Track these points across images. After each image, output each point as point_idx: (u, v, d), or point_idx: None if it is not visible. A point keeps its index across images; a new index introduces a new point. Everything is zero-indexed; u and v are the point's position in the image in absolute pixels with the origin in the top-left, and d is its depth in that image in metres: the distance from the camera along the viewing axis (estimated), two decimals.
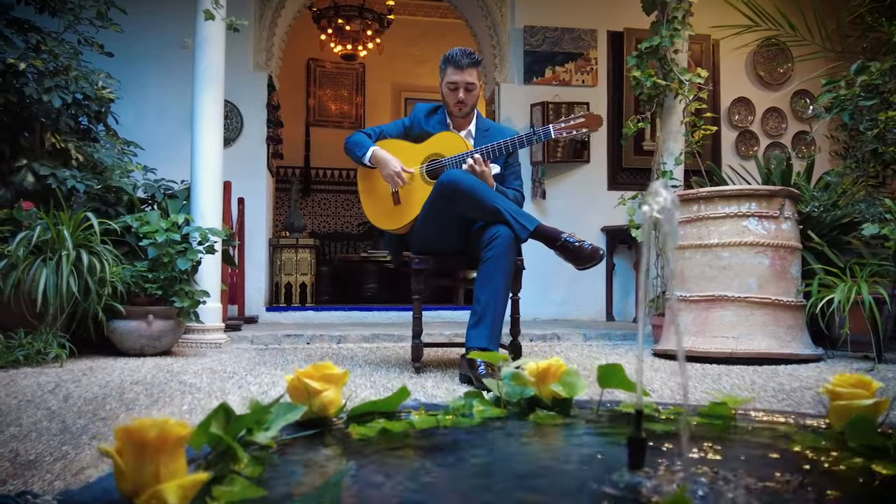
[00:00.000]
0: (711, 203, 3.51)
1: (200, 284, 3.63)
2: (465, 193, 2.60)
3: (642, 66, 4.09)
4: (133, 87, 5.30)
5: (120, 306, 3.20)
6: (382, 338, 4.15)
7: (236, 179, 5.17)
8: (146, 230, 3.31)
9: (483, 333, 2.52)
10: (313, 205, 8.71)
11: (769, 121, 6.29)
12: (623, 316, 5.77)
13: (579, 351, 3.82)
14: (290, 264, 5.64)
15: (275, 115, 5.75)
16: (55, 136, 3.27)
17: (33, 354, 2.91)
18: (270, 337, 4.05)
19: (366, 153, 2.90)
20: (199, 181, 3.81)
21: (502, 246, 2.57)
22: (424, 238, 2.84)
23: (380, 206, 2.96)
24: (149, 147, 5.02)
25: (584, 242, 2.59)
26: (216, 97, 3.89)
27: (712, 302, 3.46)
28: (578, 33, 5.88)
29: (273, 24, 5.56)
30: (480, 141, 2.99)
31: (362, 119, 8.92)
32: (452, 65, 2.88)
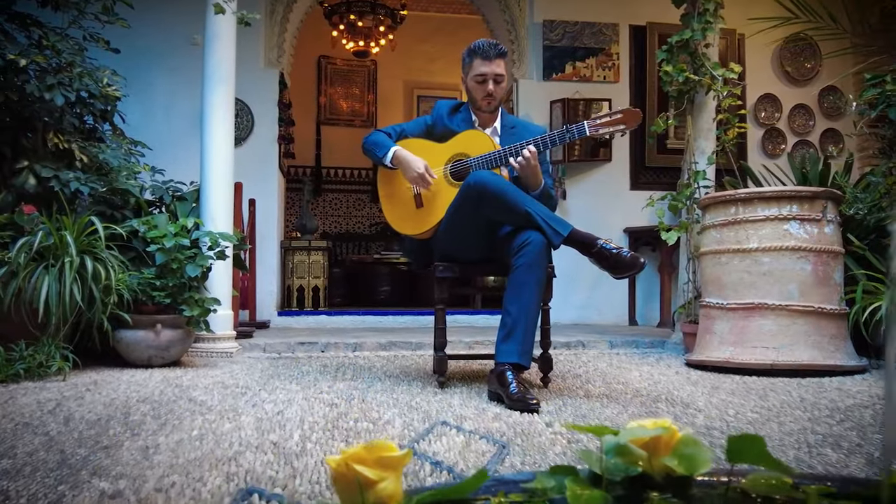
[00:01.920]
0: (750, 205, 3.31)
1: (211, 291, 3.46)
2: (494, 196, 2.42)
3: (673, 61, 3.90)
4: (140, 84, 5.16)
5: (126, 315, 3.04)
6: (399, 345, 3.97)
7: (247, 180, 5.01)
8: (154, 235, 3.15)
9: (514, 348, 2.35)
10: (324, 205, 8.55)
11: (796, 118, 6.08)
12: (646, 320, 5.58)
13: (607, 361, 3.64)
14: (302, 267, 5.48)
15: (286, 114, 5.59)
16: (58, 135, 3.11)
17: (35, 367, 2.75)
18: (283, 345, 3.88)
19: (386, 153, 2.72)
20: (209, 183, 3.64)
21: (534, 253, 2.39)
22: (448, 243, 2.67)
23: (401, 209, 2.78)
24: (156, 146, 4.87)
25: (623, 250, 2.40)
26: (227, 95, 3.72)
27: (751, 310, 3.26)
28: (599, 27, 5.68)
29: (285, 20, 5.39)
30: (507, 138, 2.81)
31: (374, 117, 8.75)
32: (480, 56, 2.70)
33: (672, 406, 2.33)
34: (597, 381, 2.88)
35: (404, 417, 2.07)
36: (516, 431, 1.89)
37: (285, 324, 5.19)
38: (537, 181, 2.61)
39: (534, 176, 2.58)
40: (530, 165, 2.53)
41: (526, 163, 2.52)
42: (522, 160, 2.52)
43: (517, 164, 2.54)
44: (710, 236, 3.49)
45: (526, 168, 2.54)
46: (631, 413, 2.20)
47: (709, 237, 3.50)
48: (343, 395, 2.45)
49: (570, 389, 2.66)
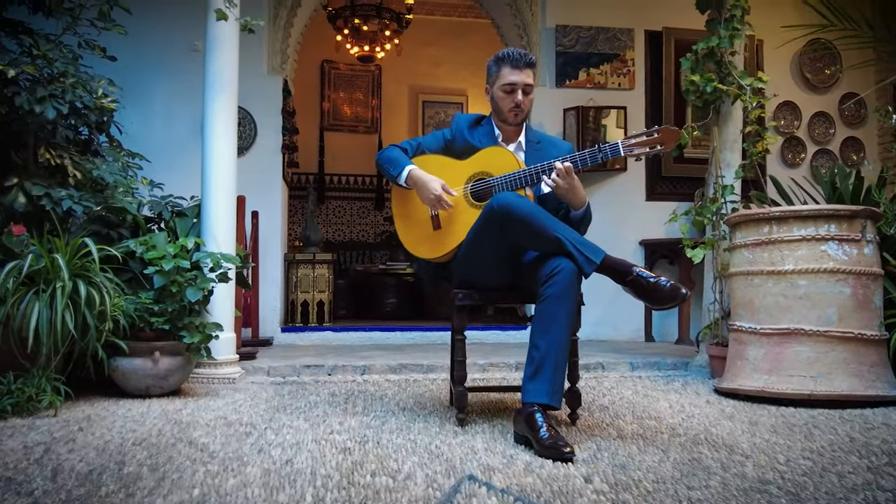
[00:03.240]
0: (785, 224, 3.12)
1: (212, 313, 3.27)
2: (520, 221, 2.23)
3: (698, 70, 3.71)
4: (138, 92, 4.97)
5: (122, 343, 2.84)
6: (410, 368, 3.77)
7: (250, 191, 4.82)
8: (152, 256, 2.95)
9: (543, 387, 2.15)
10: (327, 213, 8.35)
11: (816, 126, 5.89)
12: (662, 336, 5.39)
13: (632, 387, 3.44)
14: (306, 281, 5.28)
15: (290, 122, 5.40)
16: (50, 150, 2.92)
17: (24, 402, 2.56)
18: (288, 368, 3.69)
19: (401, 172, 2.53)
20: (211, 197, 3.45)
21: (564, 282, 2.20)
22: (468, 269, 2.47)
23: (417, 231, 2.59)
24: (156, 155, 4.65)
25: (661, 278, 2.22)
26: (229, 105, 3.53)
27: (787, 336, 3.07)
28: (614, 33, 5.49)
29: (288, 25, 5.20)
30: (532, 155, 2.62)
31: (378, 123, 8.56)
32: (509, 64, 2.51)
33: (715, 450, 2.14)
34: (626, 415, 2.69)
35: (426, 469, 1.88)
36: (553, 490, 1.69)
37: (289, 341, 4.99)
38: (579, 199, 2.42)
39: (574, 194, 2.38)
40: (569, 182, 2.34)
41: (563, 180, 2.33)
42: (558, 178, 2.33)
43: (552, 182, 2.34)
44: (740, 256, 3.30)
45: (564, 186, 2.34)
46: (673, 460, 2.01)
47: (739, 257, 3.31)
48: (356, 436, 2.26)
49: (600, 427, 2.46)
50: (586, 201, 2.45)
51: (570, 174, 2.33)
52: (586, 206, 2.45)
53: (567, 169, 2.33)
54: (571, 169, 2.34)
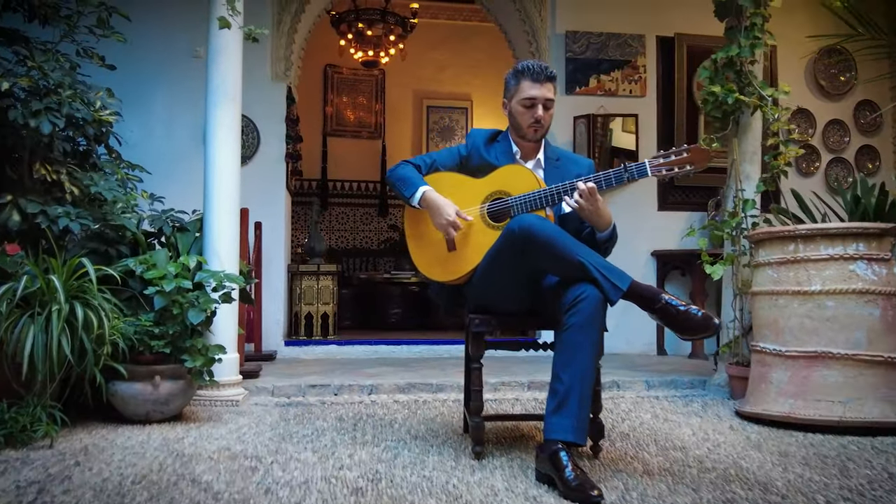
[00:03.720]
0: (812, 243, 2.99)
1: (215, 333, 3.15)
2: (543, 244, 2.11)
3: (717, 80, 3.58)
4: (139, 100, 4.84)
5: (121, 368, 2.72)
6: (419, 387, 3.65)
7: (252, 201, 4.68)
8: (152, 276, 2.83)
9: (568, 423, 2.03)
10: (330, 219, 8.23)
11: (831, 134, 5.76)
12: (675, 349, 5.26)
13: (650, 409, 3.32)
14: (310, 293, 5.16)
15: (294, 130, 5.27)
16: (46, 166, 2.80)
17: (18, 433, 2.43)
18: (293, 387, 3.56)
19: (414, 193, 2.40)
20: (214, 212, 3.33)
21: (589, 311, 2.07)
22: (485, 293, 2.35)
23: (431, 252, 2.46)
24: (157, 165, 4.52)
25: (691, 307, 2.09)
26: (232, 115, 3.41)
27: (814, 359, 2.95)
28: (625, 39, 5.37)
29: (292, 31, 5.08)
30: (551, 173, 2.50)
31: (382, 128, 8.43)
32: (530, 77, 2.39)
33: (749, 488, 2.01)
34: (649, 445, 2.56)
35: None
36: None
37: (293, 355, 4.87)
38: (605, 220, 2.29)
39: (599, 215, 2.26)
40: (593, 203, 2.22)
41: (586, 201, 2.21)
42: (581, 199, 2.21)
43: (574, 204, 2.22)
44: (764, 275, 3.17)
45: (588, 208, 2.22)
46: (706, 502, 1.88)
47: (763, 276, 3.18)
48: (367, 473, 2.14)
49: (624, 460, 2.34)
50: (612, 222, 2.33)
51: (593, 195, 2.21)
52: (612, 227, 2.33)
53: (591, 190, 2.21)
54: (595, 190, 2.21)
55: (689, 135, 5.39)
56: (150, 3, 4.84)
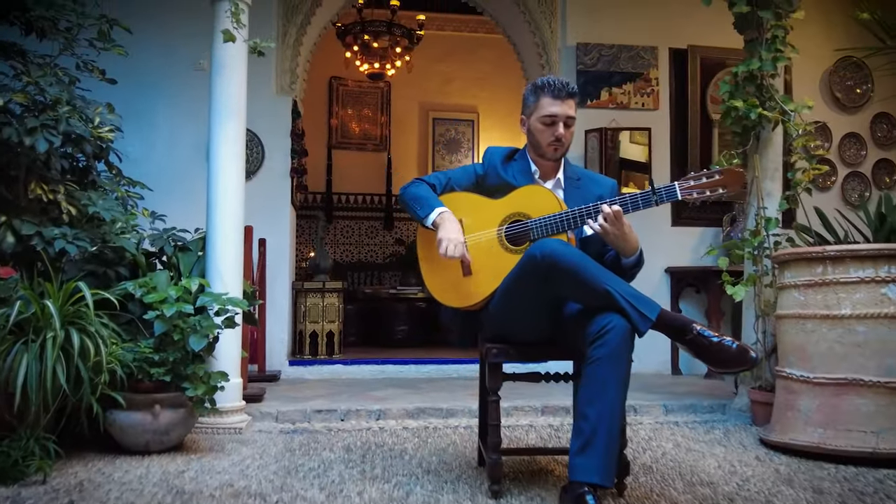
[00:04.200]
0: (841, 264, 2.86)
1: (217, 358, 3.02)
2: (566, 272, 1.99)
3: (738, 94, 3.47)
4: (140, 114, 4.75)
5: (119, 397, 2.59)
6: (429, 412, 3.52)
7: (257, 217, 4.56)
8: (152, 299, 2.71)
9: (594, 463, 1.89)
10: (335, 233, 8.11)
11: (847, 148, 5.64)
12: (689, 369, 5.11)
13: (671, 437, 3.17)
14: (315, 311, 5.03)
15: (300, 144, 5.16)
16: (42, 185, 2.69)
17: (9, 468, 2.30)
18: (298, 413, 3.43)
19: (429, 214, 2.28)
20: (217, 231, 3.21)
21: (616, 342, 1.94)
22: (503, 321, 2.23)
23: (444, 276, 2.34)
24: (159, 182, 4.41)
25: (725, 339, 1.96)
26: (236, 131, 3.30)
27: (844, 387, 2.81)
28: (637, 51, 5.26)
29: (298, 43, 4.98)
30: (571, 193, 2.37)
31: (387, 140, 8.33)
32: (550, 93, 2.27)
33: None
34: (675, 480, 2.42)
35: None
36: None
37: (297, 375, 4.73)
38: (631, 246, 2.17)
39: (626, 240, 2.14)
40: (619, 227, 2.09)
41: (611, 225, 2.09)
42: (606, 223, 2.09)
43: (598, 228, 2.10)
44: (790, 298, 3.04)
45: (613, 232, 2.10)
46: None
47: (789, 298, 3.05)
48: None
49: (650, 498, 2.20)
50: (639, 247, 2.20)
51: (619, 219, 2.09)
52: (639, 252, 2.20)
53: (616, 214, 2.08)
54: (621, 213, 2.09)
55: (702, 149, 5.28)
56: (151, 14, 4.75)
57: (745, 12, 3.44)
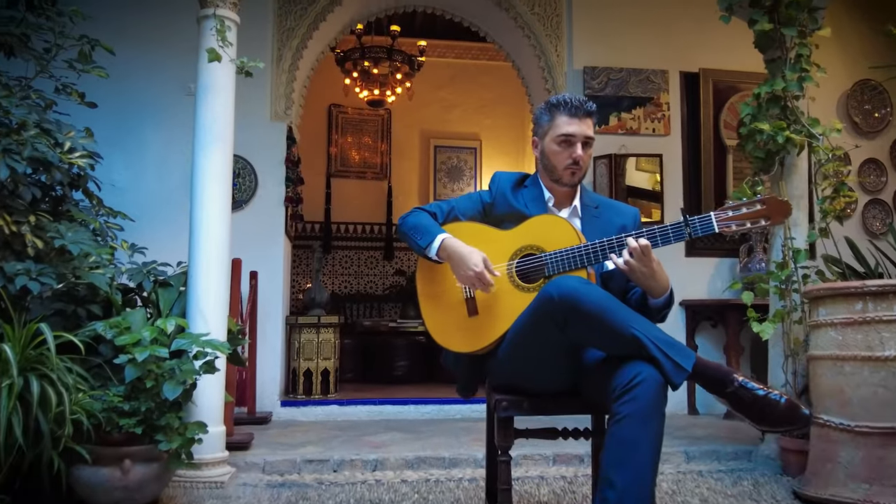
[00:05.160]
0: (884, 301, 2.60)
1: (197, 404, 2.75)
2: (589, 315, 1.73)
3: (761, 117, 3.24)
4: (127, 140, 4.54)
5: (84, 451, 2.32)
6: (430, 462, 3.23)
7: (248, 249, 4.34)
8: (124, 342, 2.44)
9: None
10: (333, 263, 7.86)
11: (867, 174, 5.40)
12: (707, 408, 4.82)
13: (696, 490, 2.88)
14: (310, 347, 4.75)
15: (295, 172, 4.94)
16: (4, 216, 2.44)
17: None
18: (287, 462, 3.15)
19: (431, 243, 2.03)
20: (199, 266, 2.96)
21: (649, 397, 1.68)
22: (514, 369, 1.97)
23: (448, 317, 2.08)
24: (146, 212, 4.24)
25: (772, 392, 1.70)
26: (223, 157, 3.07)
27: (891, 437, 2.54)
28: (647, 74, 5.05)
29: (294, 68, 4.77)
30: (590, 223, 2.13)
31: (388, 168, 8.12)
32: (566, 112, 2.04)
33: None
34: None
35: None
36: None
37: (290, 417, 4.44)
38: (662, 285, 1.91)
39: (655, 279, 1.88)
40: (647, 263, 1.84)
41: (639, 261, 1.84)
42: (632, 259, 1.84)
43: (624, 266, 1.85)
44: (826, 337, 2.78)
45: (640, 269, 1.85)
46: None
47: (825, 338, 2.78)
48: None
49: None
50: (669, 286, 1.95)
51: (647, 254, 1.84)
52: (669, 292, 1.95)
53: (645, 248, 1.83)
54: (650, 248, 1.84)
55: (716, 176, 5.04)
56: (141, 36, 4.56)
57: (767, 30, 3.22)
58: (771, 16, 3.25)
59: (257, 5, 4.62)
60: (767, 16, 3.25)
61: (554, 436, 2.05)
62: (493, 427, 2.21)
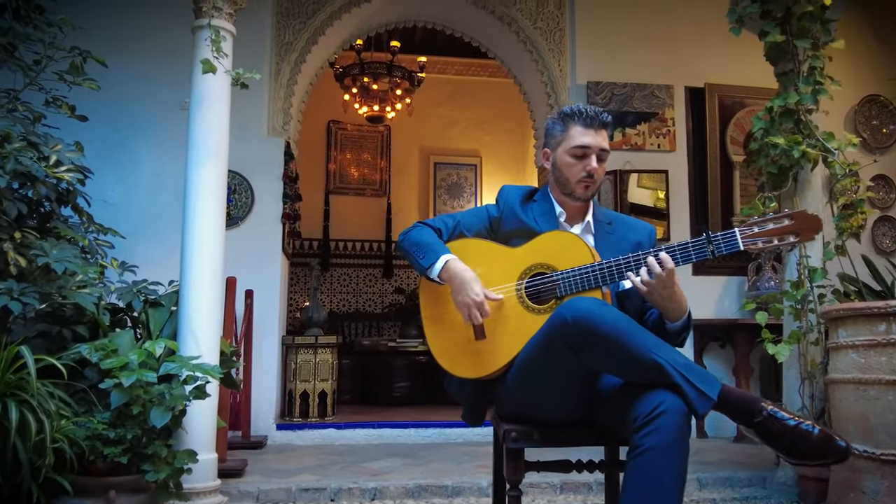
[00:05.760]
0: None
1: (188, 430, 2.62)
2: (608, 340, 1.60)
3: (774, 131, 3.14)
4: (121, 155, 4.45)
5: (66, 483, 2.18)
6: (432, 491, 3.09)
7: (244, 266, 4.23)
8: (110, 365, 2.31)
9: None
10: (332, 281, 7.74)
11: (876, 190, 5.30)
12: (716, 431, 4.69)
13: None
14: (307, 368, 4.61)
15: (293, 188, 4.83)
16: None
17: None
18: (282, 492, 3.01)
19: (434, 263, 1.90)
20: (192, 285, 2.84)
21: (672, 429, 1.55)
22: (524, 397, 1.84)
23: (453, 340, 1.95)
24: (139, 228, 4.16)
25: (803, 422, 1.57)
26: (217, 172, 2.96)
27: None
28: (651, 89, 4.97)
29: (292, 82, 4.68)
30: (603, 239, 2.01)
31: (387, 185, 8.02)
32: (581, 122, 1.93)
33: None
34: None
35: None
36: None
37: (286, 440, 4.30)
38: (681, 307, 1.80)
39: (675, 300, 1.77)
40: (669, 284, 1.73)
41: (659, 282, 1.72)
42: (650, 278, 1.72)
43: (643, 286, 1.73)
44: (847, 359, 2.65)
45: (660, 291, 1.73)
46: None
47: (845, 360, 2.66)
48: None
49: None
50: (688, 308, 1.83)
51: (670, 275, 1.72)
52: (687, 314, 1.83)
53: (668, 269, 1.71)
54: (672, 268, 1.72)
55: (723, 192, 4.95)
56: (134, 48, 4.48)
57: (779, 42, 3.13)
58: (783, 27, 3.16)
59: (255, 19, 4.53)
60: (779, 27, 3.16)
61: (567, 469, 1.92)
62: (500, 457, 2.07)
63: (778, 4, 3.15)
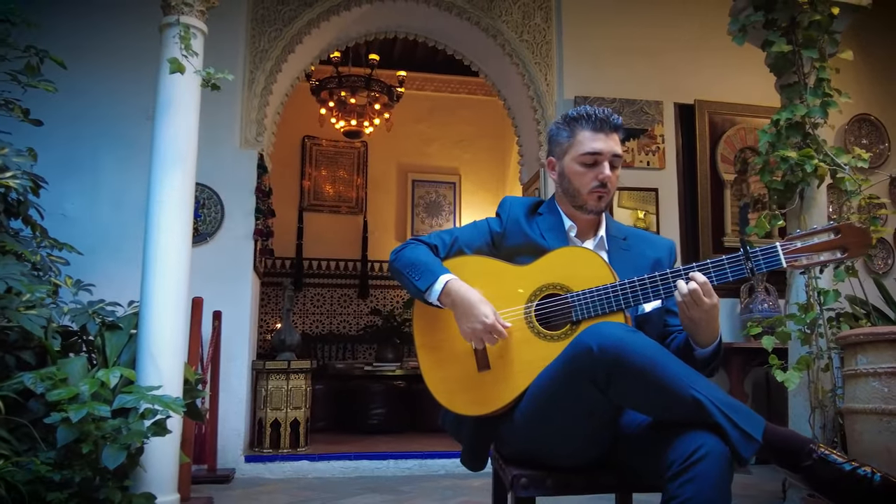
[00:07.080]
0: None
1: (146, 468, 2.34)
2: (638, 373, 1.38)
3: (780, 145, 2.98)
4: (83, 165, 4.16)
5: None
6: None
7: (212, 286, 3.96)
8: (57, 397, 2.04)
9: None
10: (304, 301, 7.45)
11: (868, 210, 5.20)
12: None
13: None
14: (278, 395, 4.32)
15: (266, 203, 4.57)
16: None
17: None
18: None
19: (432, 285, 1.67)
20: (153, 306, 2.57)
21: (713, 475, 1.33)
22: (532, 434, 1.60)
23: (452, 372, 1.72)
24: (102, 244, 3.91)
25: (860, 467, 1.37)
26: (183, 182, 2.71)
27: None
28: (640, 105, 4.82)
29: (266, 92, 4.44)
30: (618, 256, 1.80)
31: (363, 203, 7.78)
32: (590, 126, 1.73)
33: None
34: None
35: None
36: None
37: (255, 474, 3.99)
38: (714, 330, 1.58)
39: (711, 324, 1.55)
40: (710, 305, 1.51)
41: (696, 303, 1.51)
42: (687, 295, 1.51)
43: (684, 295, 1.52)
44: (868, 388, 2.47)
45: (696, 314, 1.52)
46: None
47: (866, 389, 2.48)
48: None
49: None
50: (719, 335, 1.62)
51: (709, 295, 1.51)
52: (718, 340, 1.62)
53: (706, 288, 1.50)
54: (710, 288, 1.51)
55: (714, 210, 4.80)
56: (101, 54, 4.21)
57: (784, 52, 2.98)
58: (788, 37, 3.02)
59: (228, 23, 4.30)
60: (784, 37, 3.01)
61: None
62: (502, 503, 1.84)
63: (783, 13, 3.01)
